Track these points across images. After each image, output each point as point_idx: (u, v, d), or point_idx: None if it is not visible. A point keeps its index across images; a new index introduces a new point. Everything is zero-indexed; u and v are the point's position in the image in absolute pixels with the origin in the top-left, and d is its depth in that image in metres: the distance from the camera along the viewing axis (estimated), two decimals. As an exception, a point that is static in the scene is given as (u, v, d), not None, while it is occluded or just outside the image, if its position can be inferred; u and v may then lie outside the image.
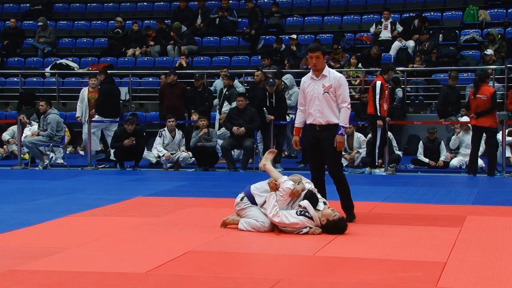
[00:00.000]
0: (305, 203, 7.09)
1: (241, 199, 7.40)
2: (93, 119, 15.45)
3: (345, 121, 7.72)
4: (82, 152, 14.84)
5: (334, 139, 7.68)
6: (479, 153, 13.21)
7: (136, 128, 14.22)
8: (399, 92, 16.23)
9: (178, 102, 15.64)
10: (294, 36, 19.34)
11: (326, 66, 7.86)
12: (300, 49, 19.10)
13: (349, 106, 7.77)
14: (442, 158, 14.11)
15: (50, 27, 21.95)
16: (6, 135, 16.78)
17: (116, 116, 15.28)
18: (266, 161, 7.64)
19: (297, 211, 7.06)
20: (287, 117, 15.00)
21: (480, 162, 13.31)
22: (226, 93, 15.51)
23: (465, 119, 14.20)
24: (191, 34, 20.70)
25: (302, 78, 8.07)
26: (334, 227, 7.04)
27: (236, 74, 17.65)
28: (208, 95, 16.06)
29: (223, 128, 14.84)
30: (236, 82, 16.42)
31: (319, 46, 7.92)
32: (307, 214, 7.03)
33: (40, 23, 21.61)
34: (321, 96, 7.71)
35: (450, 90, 15.50)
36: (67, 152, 16.61)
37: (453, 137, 14.31)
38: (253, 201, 7.34)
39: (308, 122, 7.91)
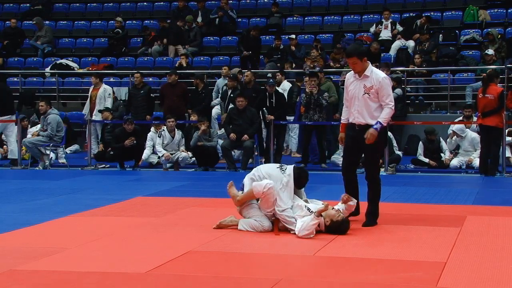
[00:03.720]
0: (312, 207, 7.08)
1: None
2: (93, 119, 15.52)
3: (385, 118, 7.51)
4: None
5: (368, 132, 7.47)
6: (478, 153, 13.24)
7: (135, 128, 14.22)
8: (397, 91, 16.13)
9: (179, 102, 15.64)
10: (293, 36, 19.34)
11: (370, 65, 7.71)
12: (300, 49, 19.10)
13: (393, 108, 7.55)
14: (446, 156, 14.09)
15: (46, 26, 21.92)
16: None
17: (12, 114, 15.19)
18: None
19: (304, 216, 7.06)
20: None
21: (477, 161, 13.32)
22: (231, 95, 15.42)
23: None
24: (199, 31, 20.72)
25: (347, 74, 7.92)
26: (336, 228, 7.04)
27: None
28: (205, 95, 16.03)
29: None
30: None
31: (353, 51, 7.69)
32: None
33: (34, 22, 21.68)
34: (361, 97, 7.58)
35: None
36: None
37: (448, 140, 14.30)
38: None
39: (349, 120, 7.76)
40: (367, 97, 7.56)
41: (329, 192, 9.42)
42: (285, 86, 16.28)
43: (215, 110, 16.50)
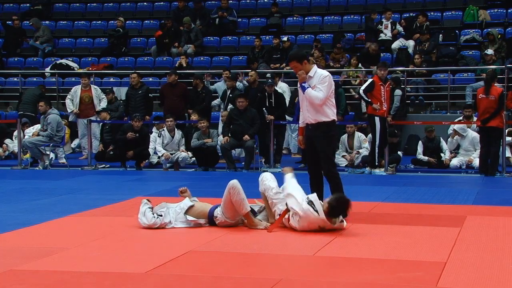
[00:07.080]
0: (313, 197, 7.13)
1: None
2: (92, 119, 15.51)
3: (313, 92, 7.62)
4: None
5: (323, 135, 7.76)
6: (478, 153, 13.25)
7: (143, 128, 14.24)
8: (396, 97, 16.06)
9: (179, 102, 15.63)
10: (285, 38, 19.30)
11: (314, 67, 7.85)
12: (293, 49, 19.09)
13: (321, 97, 7.62)
14: (446, 156, 14.10)
15: (43, 25, 21.92)
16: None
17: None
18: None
19: (307, 200, 7.10)
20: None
21: (477, 161, 13.32)
22: (230, 95, 15.39)
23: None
24: (200, 31, 20.71)
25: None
26: (338, 206, 7.06)
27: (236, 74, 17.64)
28: (206, 95, 16.02)
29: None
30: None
31: (292, 56, 7.93)
32: (313, 207, 7.05)
33: (30, 23, 21.71)
34: (307, 97, 7.77)
35: None
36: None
37: (449, 139, 14.32)
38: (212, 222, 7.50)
39: (304, 122, 8.04)
40: None
41: (329, 192, 9.39)
42: (283, 88, 16.27)
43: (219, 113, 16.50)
